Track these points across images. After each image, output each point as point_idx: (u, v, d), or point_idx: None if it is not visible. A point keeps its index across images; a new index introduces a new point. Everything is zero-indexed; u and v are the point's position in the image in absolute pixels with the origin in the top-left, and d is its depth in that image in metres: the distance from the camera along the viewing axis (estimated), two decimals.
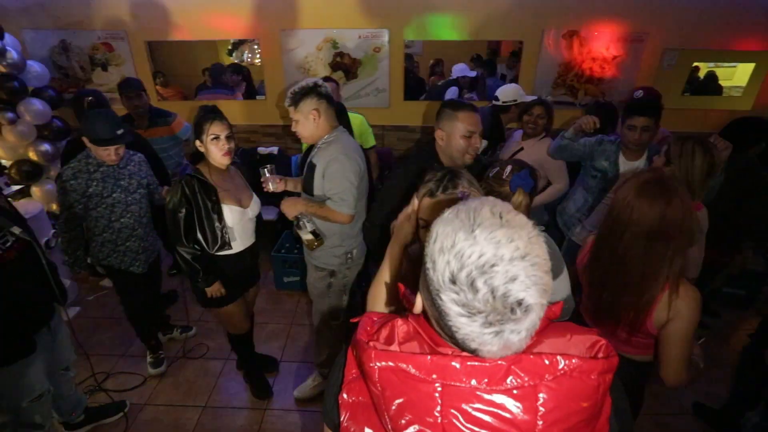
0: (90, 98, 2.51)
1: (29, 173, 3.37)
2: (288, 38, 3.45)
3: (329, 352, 2.25)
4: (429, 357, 0.56)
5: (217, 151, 1.78)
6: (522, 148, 2.58)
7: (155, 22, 3.49)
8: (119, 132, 1.95)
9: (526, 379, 0.53)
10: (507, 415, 0.52)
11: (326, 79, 2.89)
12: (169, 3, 3.41)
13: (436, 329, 0.59)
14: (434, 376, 0.55)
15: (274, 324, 2.93)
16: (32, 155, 3.39)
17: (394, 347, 0.60)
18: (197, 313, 3.00)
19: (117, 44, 3.63)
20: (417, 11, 3.34)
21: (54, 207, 3.27)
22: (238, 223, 1.92)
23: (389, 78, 3.54)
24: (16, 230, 1.51)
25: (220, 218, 1.84)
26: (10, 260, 1.49)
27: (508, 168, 1.33)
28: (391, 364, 0.57)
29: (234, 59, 3.69)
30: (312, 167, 1.87)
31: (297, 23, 3.40)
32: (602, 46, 3.41)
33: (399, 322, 0.64)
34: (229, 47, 3.65)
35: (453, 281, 0.50)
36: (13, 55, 3.12)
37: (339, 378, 0.69)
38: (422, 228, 1.09)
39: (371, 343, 0.60)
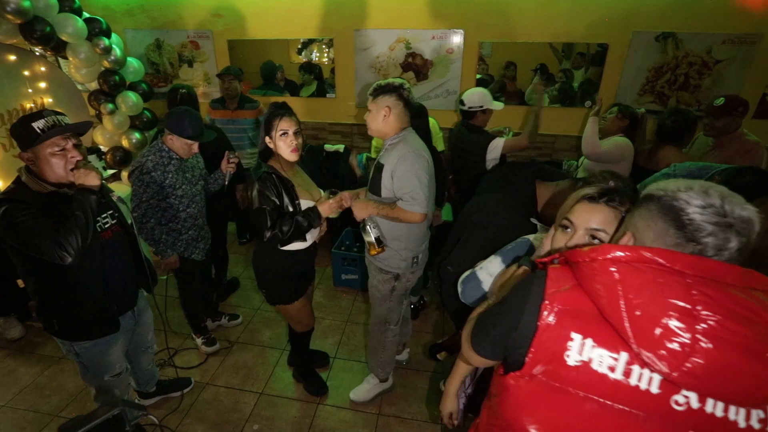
0: (183, 91, 2.69)
1: (121, 159, 3.69)
2: (361, 38, 3.48)
3: (385, 356, 2.23)
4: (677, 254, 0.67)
5: (285, 147, 1.77)
6: None
7: (238, 23, 3.69)
8: (203, 130, 2.10)
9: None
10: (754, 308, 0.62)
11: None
12: (251, 5, 3.58)
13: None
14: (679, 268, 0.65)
15: (329, 320, 2.95)
16: (125, 143, 3.72)
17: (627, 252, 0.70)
18: (257, 301, 3.11)
19: (203, 43, 3.88)
20: (494, 12, 3.22)
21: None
22: None
23: (461, 80, 3.46)
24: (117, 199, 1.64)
25: (298, 211, 1.84)
26: (107, 240, 1.61)
27: (610, 184, 1.22)
28: (637, 255, 0.68)
29: (303, 58, 3.79)
30: (380, 168, 1.84)
31: (371, 23, 3.42)
32: (702, 49, 3.08)
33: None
34: (299, 46, 3.75)
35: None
36: (116, 52, 3.43)
37: (526, 297, 0.78)
38: (560, 227, 1.00)
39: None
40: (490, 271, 1.32)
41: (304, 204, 1.84)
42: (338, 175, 3.43)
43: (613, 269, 0.67)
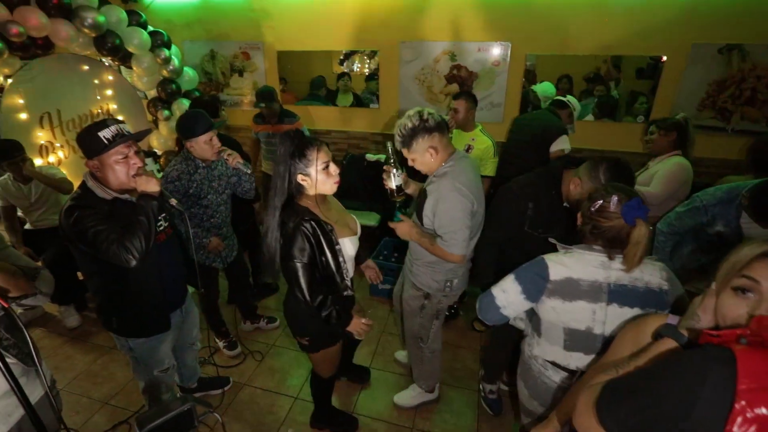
0: (196, 96, 2.82)
1: None
2: (407, 50, 3.52)
3: (423, 370, 2.20)
4: None
5: (329, 179, 1.54)
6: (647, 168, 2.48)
7: (288, 34, 3.83)
8: (211, 121, 2.07)
9: None
10: None
11: (458, 95, 2.85)
12: (301, 17, 3.71)
13: None
14: None
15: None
16: (176, 148, 3.92)
17: None
18: None
19: (253, 53, 4.06)
20: (543, 25, 3.17)
21: None
22: (352, 248, 1.67)
23: (506, 92, 3.41)
24: (174, 205, 1.66)
25: (340, 259, 1.61)
26: (161, 242, 1.68)
27: (614, 198, 1.16)
28: None
29: (344, 68, 3.88)
30: (424, 196, 1.79)
31: (417, 35, 3.45)
32: None
33: None
34: (341, 57, 3.84)
35: None
36: (175, 62, 3.65)
37: (698, 384, 0.59)
38: (736, 289, 0.76)
39: None
40: (503, 287, 1.36)
41: (347, 243, 1.62)
42: (379, 185, 3.45)
43: None
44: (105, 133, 1.43)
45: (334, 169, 1.55)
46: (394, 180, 1.78)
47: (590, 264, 1.23)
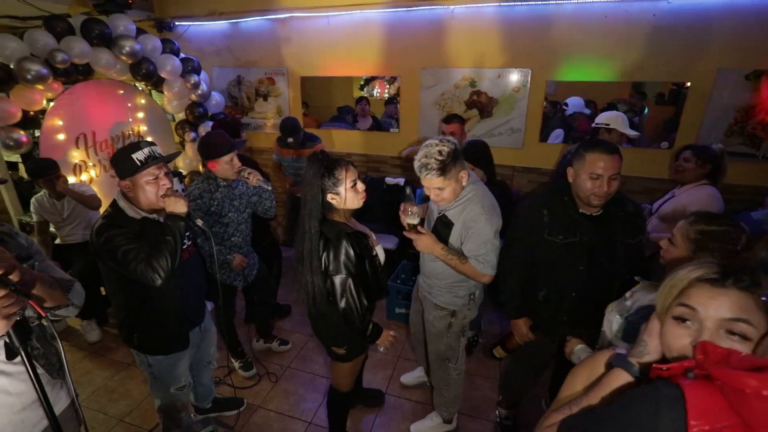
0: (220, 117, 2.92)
1: None
2: (428, 76, 3.59)
3: (449, 394, 2.16)
4: None
5: (357, 196, 1.61)
6: (673, 196, 2.42)
7: (312, 61, 3.97)
8: (231, 141, 2.15)
9: None
10: None
11: (450, 118, 2.86)
12: (325, 45, 3.84)
13: None
14: None
15: (381, 354, 2.90)
16: (201, 168, 4.04)
17: None
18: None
19: (278, 79, 4.21)
20: (564, 50, 3.19)
21: None
22: (382, 256, 1.77)
23: (526, 118, 3.42)
24: (200, 225, 1.70)
25: (378, 267, 1.70)
26: (185, 260, 1.71)
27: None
28: None
29: (365, 93, 3.97)
30: (447, 224, 1.79)
31: (438, 62, 3.52)
32: None
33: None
34: (362, 82, 3.94)
35: None
36: (203, 87, 3.81)
37: (652, 427, 0.58)
38: (675, 318, 0.76)
39: None
40: None
41: (378, 251, 1.73)
42: (398, 207, 3.46)
43: None
44: (138, 155, 1.50)
45: (361, 186, 1.63)
46: (413, 218, 1.80)
47: None
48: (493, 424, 2.35)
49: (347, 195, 1.58)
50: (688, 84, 3.06)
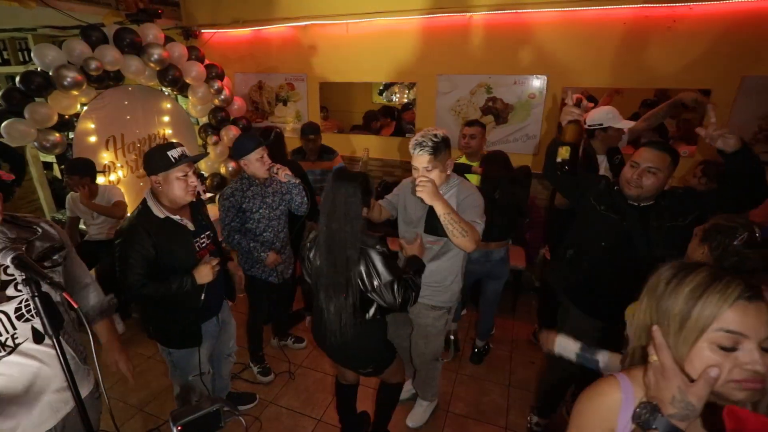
0: (277, 130, 3.01)
1: (219, 184, 4.15)
2: (444, 82, 3.63)
3: (436, 381, 2.35)
4: None
5: (376, 208, 1.87)
6: None
7: (331, 67, 4.06)
8: (260, 139, 2.29)
9: None
10: None
11: (472, 122, 2.83)
12: (344, 51, 3.93)
13: None
14: None
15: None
16: (222, 170, 4.18)
17: None
18: None
19: (298, 84, 4.32)
20: (580, 59, 3.18)
21: None
22: None
23: (542, 124, 3.41)
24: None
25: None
26: (201, 258, 1.80)
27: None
28: None
29: (383, 99, 4.03)
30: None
31: (454, 68, 3.56)
32: None
33: None
34: (381, 88, 4.01)
35: None
36: (226, 92, 3.95)
37: None
38: (716, 346, 0.69)
39: None
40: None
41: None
42: None
43: None
44: (173, 153, 1.64)
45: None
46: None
47: None
48: (501, 429, 2.35)
49: (374, 208, 1.84)
50: (712, 91, 3.00)
